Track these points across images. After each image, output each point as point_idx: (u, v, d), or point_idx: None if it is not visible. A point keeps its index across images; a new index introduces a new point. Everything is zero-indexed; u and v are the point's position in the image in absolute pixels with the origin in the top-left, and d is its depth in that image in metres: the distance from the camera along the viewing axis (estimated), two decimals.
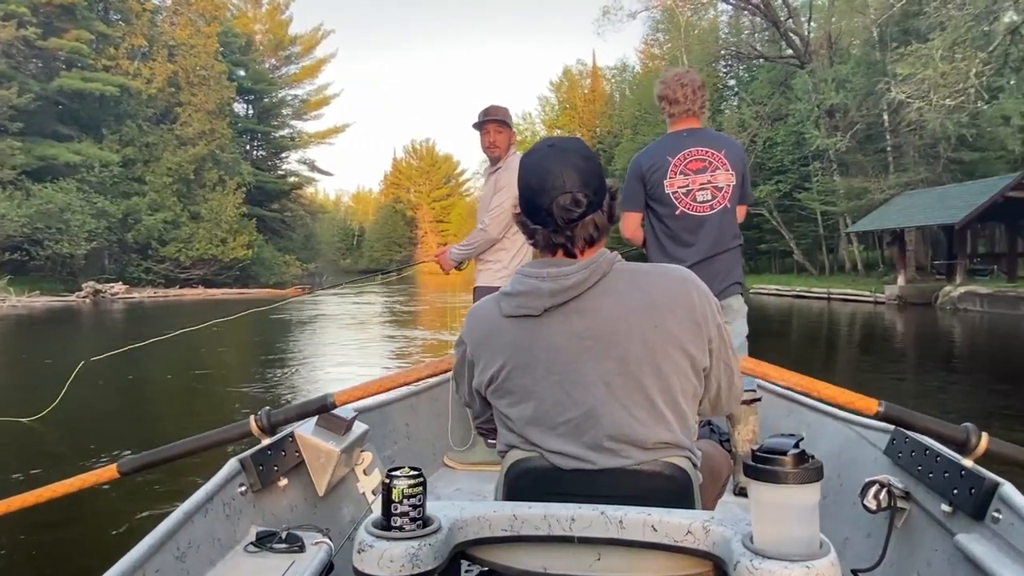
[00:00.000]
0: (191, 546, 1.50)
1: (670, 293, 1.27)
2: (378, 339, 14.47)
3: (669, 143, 2.79)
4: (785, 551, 0.96)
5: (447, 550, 1.13)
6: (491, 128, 3.30)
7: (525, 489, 1.28)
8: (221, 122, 39.14)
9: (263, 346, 13.53)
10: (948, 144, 22.22)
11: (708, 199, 2.71)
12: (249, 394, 8.20)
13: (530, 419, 1.29)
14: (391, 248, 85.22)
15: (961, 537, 1.50)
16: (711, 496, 1.50)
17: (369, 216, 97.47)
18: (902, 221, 21.33)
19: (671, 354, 1.25)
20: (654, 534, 1.10)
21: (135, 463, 1.83)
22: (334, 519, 2.07)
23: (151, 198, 34.83)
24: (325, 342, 14.20)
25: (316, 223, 65.77)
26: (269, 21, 52.63)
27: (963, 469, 1.58)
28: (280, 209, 51.89)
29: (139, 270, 34.53)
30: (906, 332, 16.04)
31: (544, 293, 1.25)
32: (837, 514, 2.04)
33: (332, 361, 10.89)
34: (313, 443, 2.02)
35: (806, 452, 0.99)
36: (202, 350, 11.89)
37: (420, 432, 2.99)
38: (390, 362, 10.66)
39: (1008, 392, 8.37)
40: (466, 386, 1.44)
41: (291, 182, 54.49)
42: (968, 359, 11.68)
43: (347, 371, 9.44)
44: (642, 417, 1.24)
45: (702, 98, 2.81)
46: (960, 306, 18.89)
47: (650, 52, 51.73)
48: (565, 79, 72.34)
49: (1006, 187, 18.94)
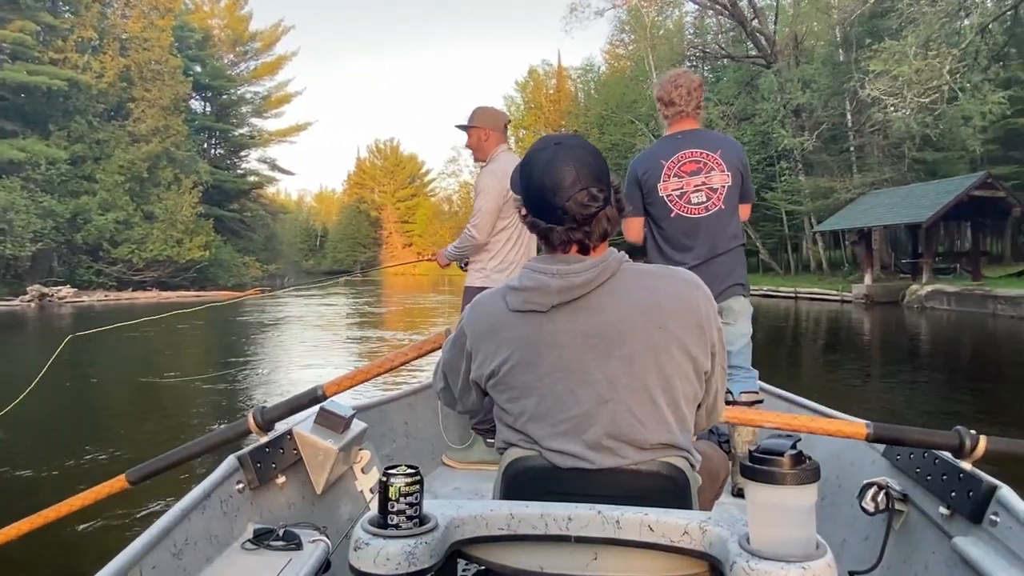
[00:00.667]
0: (188, 543, 1.50)
1: (677, 296, 1.27)
2: (344, 340, 13.85)
3: (663, 146, 2.77)
4: (782, 552, 0.96)
5: (443, 548, 1.12)
6: (470, 131, 3.34)
7: (523, 488, 1.27)
8: (176, 118, 37.81)
9: (225, 349, 12.84)
10: (913, 144, 22.42)
11: (703, 200, 2.69)
12: (212, 399, 7.76)
13: (531, 415, 1.28)
14: (355, 249, 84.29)
15: (959, 540, 1.50)
16: (709, 497, 1.51)
17: (332, 216, 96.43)
18: (869, 220, 21.39)
19: (675, 356, 1.25)
20: (651, 534, 1.09)
21: (143, 471, 1.83)
22: (332, 517, 2.06)
23: (102, 197, 33.39)
24: (291, 343, 13.53)
25: (277, 223, 64.55)
26: (227, 16, 51.18)
27: (961, 472, 1.58)
28: (240, 209, 50.53)
29: (89, 272, 33.13)
30: (877, 331, 15.98)
31: (552, 290, 1.24)
32: (835, 516, 2.05)
33: (300, 362, 10.33)
34: (311, 441, 2.01)
35: (803, 453, 0.99)
36: (166, 353, 11.22)
37: (419, 431, 2.99)
38: (360, 361, 10.08)
39: (988, 391, 8.23)
40: (460, 380, 1.42)
41: (251, 181, 53.12)
42: (943, 358, 11.56)
43: (314, 373, 8.88)
44: (644, 417, 1.24)
45: (698, 99, 2.77)
46: (928, 304, 18.95)
47: (615, 52, 51.96)
48: (530, 79, 72.32)
49: (971, 186, 19.08)
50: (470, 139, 3.34)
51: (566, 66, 68.68)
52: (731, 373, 2.58)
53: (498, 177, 3.14)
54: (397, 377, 9.77)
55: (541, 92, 71.15)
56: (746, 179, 2.78)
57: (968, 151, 24.81)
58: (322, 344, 13.41)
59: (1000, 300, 16.27)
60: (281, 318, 19.97)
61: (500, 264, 3.23)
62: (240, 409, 7.06)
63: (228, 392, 8.24)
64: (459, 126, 3.38)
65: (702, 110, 2.83)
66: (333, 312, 22.49)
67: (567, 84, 68.13)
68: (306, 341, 14.05)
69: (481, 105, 3.41)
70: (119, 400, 8.37)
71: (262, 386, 8.56)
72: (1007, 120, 22.42)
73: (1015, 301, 15.78)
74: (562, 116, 65.60)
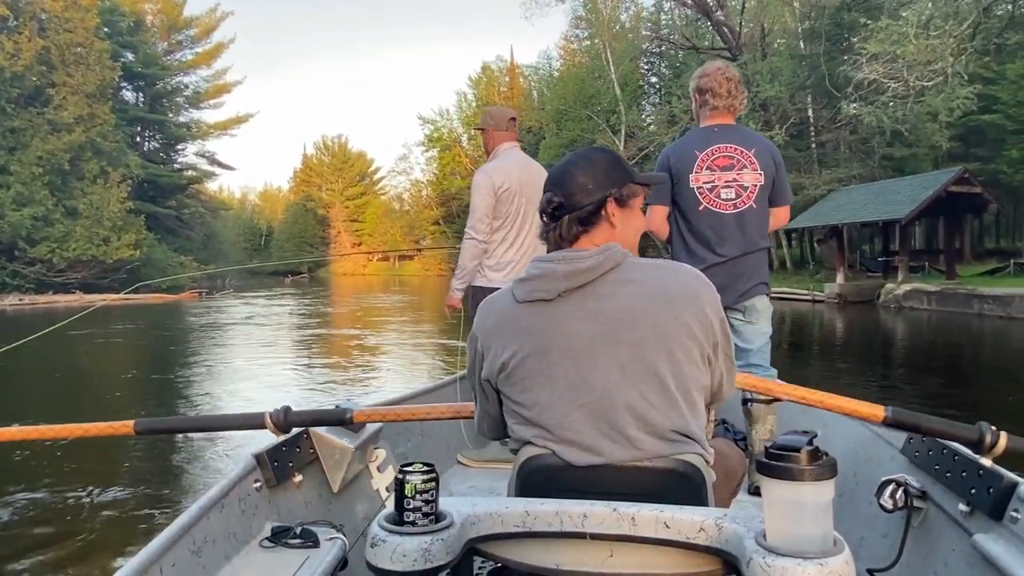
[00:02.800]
0: (207, 541, 1.50)
1: (683, 285, 1.30)
2: (291, 352, 12.10)
3: (698, 137, 2.73)
4: (798, 548, 0.95)
5: (459, 545, 1.12)
6: (481, 134, 3.38)
7: (537, 485, 1.27)
8: (103, 106, 34.85)
9: (157, 360, 10.92)
10: (883, 139, 21.79)
11: (732, 197, 2.66)
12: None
13: (543, 404, 1.28)
14: (302, 248, 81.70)
15: (979, 537, 1.47)
16: (725, 495, 1.49)
17: (278, 215, 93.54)
18: (843, 217, 20.55)
19: (684, 342, 1.26)
20: (666, 531, 1.09)
21: (151, 426, 1.94)
22: (348, 515, 2.06)
23: (17, 191, 30.33)
24: (224, 356, 11.68)
25: (218, 221, 61.73)
26: (161, 0, 48.12)
27: (981, 468, 1.55)
28: (176, 206, 47.56)
29: (3, 274, 30.11)
30: (860, 332, 15.04)
31: (559, 275, 1.27)
32: (853, 513, 2.04)
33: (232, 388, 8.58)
34: (327, 440, 2.02)
35: (820, 449, 0.98)
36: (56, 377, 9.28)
37: (433, 429, 2.96)
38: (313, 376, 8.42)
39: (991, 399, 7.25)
40: (477, 385, 1.43)
41: (188, 176, 50.10)
42: (943, 362, 10.55)
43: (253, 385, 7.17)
44: (656, 402, 1.25)
45: (741, 96, 2.77)
46: (906, 304, 18.17)
47: (570, 48, 51.02)
48: (484, 75, 70.95)
49: (948, 181, 18.38)
50: (484, 141, 3.34)
51: (522, 63, 67.66)
52: (750, 371, 2.57)
53: (488, 174, 3.15)
54: (413, 374, 9.05)
55: (494, 89, 70.02)
56: (779, 181, 2.73)
57: (935, 147, 24.38)
58: (264, 358, 11.62)
59: (987, 300, 15.51)
60: (217, 323, 17.96)
61: (496, 264, 3.21)
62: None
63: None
64: (479, 126, 3.41)
65: (740, 109, 2.79)
66: (278, 316, 20.52)
67: (520, 81, 67.17)
68: (250, 352, 12.23)
69: (489, 107, 3.48)
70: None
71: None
72: (968, 117, 21.99)
73: (1003, 301, 15.01)
74: (516, 113, 64.44)
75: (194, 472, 5.06)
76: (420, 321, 18.89)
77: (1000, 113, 22.95)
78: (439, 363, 9.98)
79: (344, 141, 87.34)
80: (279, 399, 2.51)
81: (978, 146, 25.70)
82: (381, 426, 2.22)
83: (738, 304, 2.64)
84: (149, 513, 4.12)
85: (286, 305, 25.54)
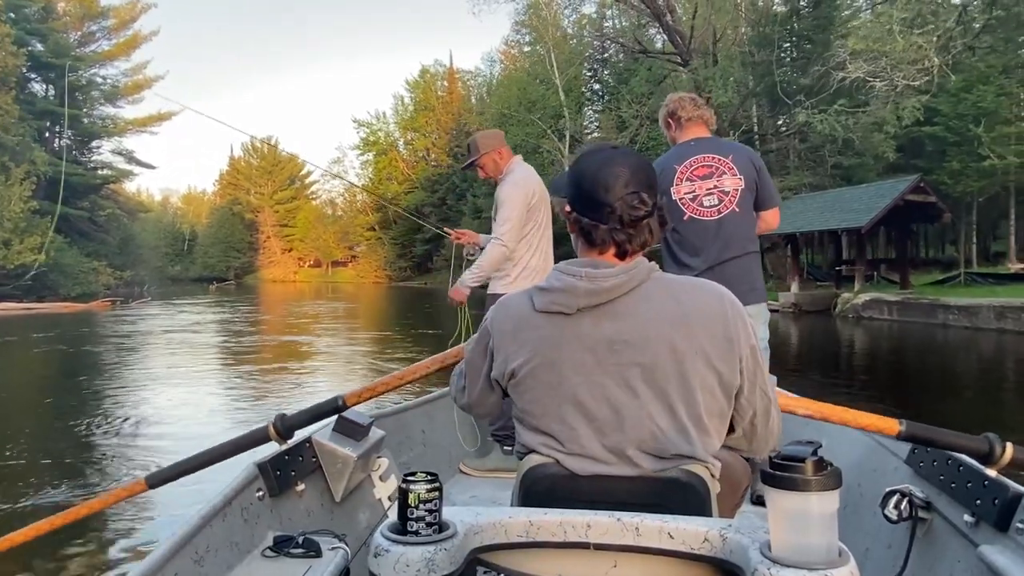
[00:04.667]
0: (209, 550, 1.49)
1: (705, 307, 1.26)
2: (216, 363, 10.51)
3: (676, 153, 2.84)
4: (803, 559, 0.95)
5: (463, 555, 1.12)
6: (483, 160, 3.41)
7: (541, 495, 1.27)
8: (5, 96, 31.84)
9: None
10: (834, 147, 21.73)
11: (715, 203, 2.73)
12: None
13: (551, 417, 1.28)
14: (228, 254, 78.37)
15: (984, 548, 1.46)
16: (729, 505, 1.46)
17: (203, 219, 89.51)
18: (801, 225, 20.21)
19: (698, 367, 1.24)
20: (671, 541, 1.09)
21: (163, 475, 1.84)
22: (350, 524, 2.05)
23: None
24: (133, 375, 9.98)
25: (137, 224, 57.95)
26: None
27: (986, 479, 1.54)
28: (90, 207, 44.10)
29: None
30: (821, 342, 14.52)
31: (580, 292, 1.25)
32: (858, 524, 2.03)
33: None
34: (330, 449, 2.02)
35: (824, 459, 0.97)
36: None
37: (436, 439, 2.97)
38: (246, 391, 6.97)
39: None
40: (480, 380, 1.42)
41: (103, 176, 46.58)
42: (925, 373, 9.95)
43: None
44: (664, 426, 1.24)
45: (701, 104, 2.90)
46: (865, 314, 17.86)
47: (511, 54, 50.30)
48: (422, 78, 69.55)
49: (906, 190, 18.24)
50: (486, 167, 3.41)
51: (461, 67, 66.81)
52: None
53: (520, 187, 3.27)
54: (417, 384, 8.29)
55: (432, 92, 68.70)
56: (763, 184, 2.78)
57: (878, 158, 24.58)
58: (183, 375, 10.00)
59: (952, 310, 15.23)
60: (135, 335, 16.01)
61: (523, 271, 3.27)
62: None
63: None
64: (466, 167, 3.49)
65: (712, 120, 2.90)
66: (204, 327, 18.61)
67: (459, 85, 66.18)
68: (171, 372, 10.57)
69: (477, 134, 3.48)
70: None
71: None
72: (909, 129, 22.21)
73: (970, 311, 14.75)
74: (454, 118, 63.51)
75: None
76: (356, 330, 17.47)
77: (940, 125, 23.33)
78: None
79: (274, 143, 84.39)
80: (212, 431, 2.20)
81: (917, 157, 26.13)
82: (383, 435, 2.25)
83: None
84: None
85: (213, 314, 23.51)
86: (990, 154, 21.12)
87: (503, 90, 43.77)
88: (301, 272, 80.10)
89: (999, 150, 21.19)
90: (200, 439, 5.41)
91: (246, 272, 78.61)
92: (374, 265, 71.03)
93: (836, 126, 20.05)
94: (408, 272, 65.75)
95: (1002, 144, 21.45)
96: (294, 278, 77.72)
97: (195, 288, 52.50)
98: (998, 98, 21.72)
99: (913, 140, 24.91)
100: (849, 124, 20.95)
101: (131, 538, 3.86)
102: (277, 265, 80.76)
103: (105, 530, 3.93)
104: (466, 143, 3.51)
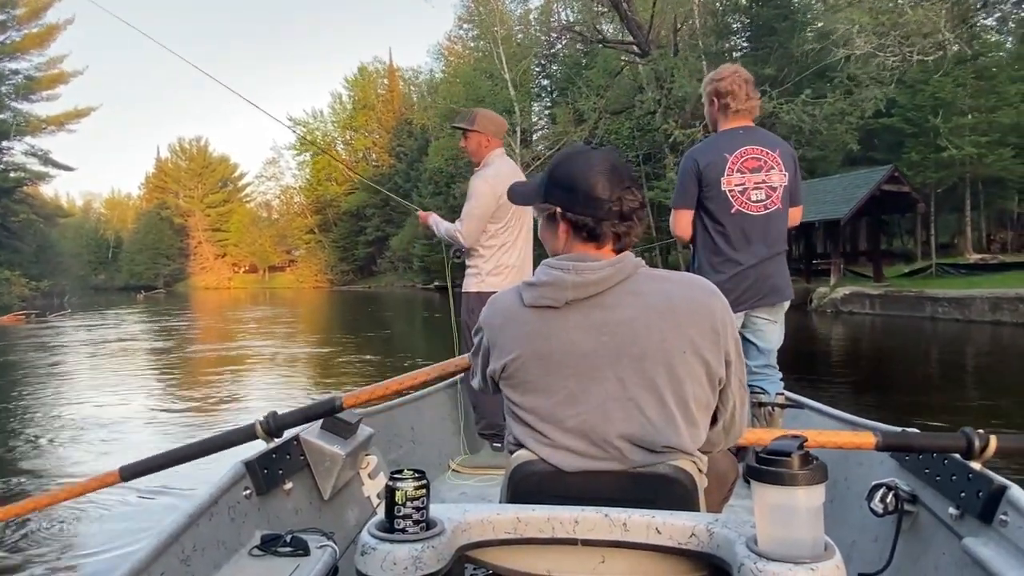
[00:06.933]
0: (196, 549, 1.48)
1: (693, 300, 1.28)
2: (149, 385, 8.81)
3: (725, 140, 2.76)
4: (790, 553, 0.96)
5: (450, 553, 1.12)
6: (469, 134, 3.29)
7: (529, 491, 1.27)
8: None
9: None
10: (802, 137, 21.25)
11: (762, 199, 2.70)
12: None
13: (542, 411, 1.28)
14: (157, 260, 74.36)
15: (969, 540, 1.48)
16: (717, 500, 1.48)
17: (128, 224, 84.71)
18: None
19: (687, 358, 1.25)
20: (658, 536, 1.10)
21: (137, 468, 1.82)
22: (339, 523, 2.05)
23: None
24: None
25: (56, 231, 54.05)
26: None
27: (970, 472, 1.56)
28: (1, 212, 40.66)
29: None
30: (806, 340, 13.75)
31: (567, 285, 1.26)
32: (844, 518, 2.04)
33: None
34: (318, 446, 2.00)
35: (810, 453, 0.98)
36: None
37: (425, 436, 2.97)
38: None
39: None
40: (481, 373, 1.43)
41: (15, 178, 42.86)
42: (925, 367, 9.16)
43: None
44: (652, 417, 1.24)
45: (757, 97, 2.83)
46: (844, 308, 17.28)
47: (455, 49, 48.95)
48: (361, 76, 67.39)
49: (881, 179, 17.77)
50: (469, 142, 3.30)
51: (404, 66, 65.07)
52: (768, 374, 2.73)
53: (490, 183, 3.16)
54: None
55: (371, 91, 66.68)
56: (796, 181, 2.77)
57: (842, 149, 24.28)
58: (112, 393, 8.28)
59: (941, 302, 14.69)
60: (55, 353, 13.93)
61: (495, 268, 3.22)
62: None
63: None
64: (456, 126, 3.35)
65: (756, 112, 2.82)
66: (136, 342, 16.55)
67: (399, 83, 64.47)
68: (100, 395, 8.80)
69: (482, 109, 3.39)
70: None
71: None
72: (866, 121, 21.96)
73: (962, 303, 14.21)
74: (395, 115, 61.71)
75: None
76: (295, 336, 15.84)
77: (898, 116, 23.19)
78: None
79: (204, 144, 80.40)
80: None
81: (874, 149, 26.00)
82: (372, 432, 2.24)
83: (767, 305, 2.69)
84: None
85: (140, 326, 21.31)
86: (948, 145, 21.03)
87: (448, 86, 42.36)
88: (236, 278, 76.64)
89: (956, 141, 21.13)
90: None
91: (176, 280, 74.68)
92: (314, 269, 68.45)
93: (804, 116, 19.50)
94: (351, 276, 63.55)
95: (958, 135, 21.41)
96: (229, 284, 74.23)
97: (121, 298, 48.98)
98: (956, 88, 21.69)
99: (869, 132, 24.76)
100: (816, 114, 20.46)
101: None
102: (210, 272, 77.03)
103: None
104: (470, 109, 3.40)
